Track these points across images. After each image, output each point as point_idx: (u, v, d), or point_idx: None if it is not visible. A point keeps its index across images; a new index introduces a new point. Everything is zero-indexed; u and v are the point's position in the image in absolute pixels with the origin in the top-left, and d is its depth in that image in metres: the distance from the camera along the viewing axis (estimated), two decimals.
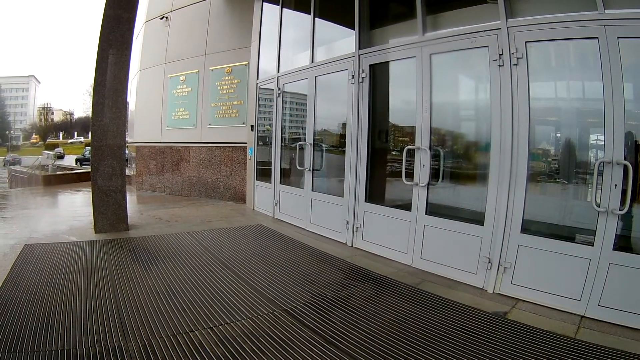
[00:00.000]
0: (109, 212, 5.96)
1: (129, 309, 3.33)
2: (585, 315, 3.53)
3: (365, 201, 5.47)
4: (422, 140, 4.72)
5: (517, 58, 3.93)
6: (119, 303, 3.45)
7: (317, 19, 6.56)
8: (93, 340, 2.80)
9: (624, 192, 3.37)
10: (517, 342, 3.03)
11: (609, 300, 3.47)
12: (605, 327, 3.33)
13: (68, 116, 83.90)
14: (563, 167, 4.16)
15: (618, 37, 3.42)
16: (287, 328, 3.09)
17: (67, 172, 18.39)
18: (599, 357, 2.86)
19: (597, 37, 3.50)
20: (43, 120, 79.67)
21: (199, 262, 4.63)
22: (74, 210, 8.01)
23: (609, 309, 3.46)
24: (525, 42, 3.91)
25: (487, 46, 4.16)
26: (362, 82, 5.47)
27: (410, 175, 4.83)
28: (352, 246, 5.59)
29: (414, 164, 4.81)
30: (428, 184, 4.72)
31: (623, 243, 3.64)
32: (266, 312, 3.35)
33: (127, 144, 11.42)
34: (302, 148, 6.49)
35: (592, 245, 3.55)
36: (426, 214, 4.74)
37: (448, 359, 2.77)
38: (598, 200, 3.49)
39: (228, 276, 4.21)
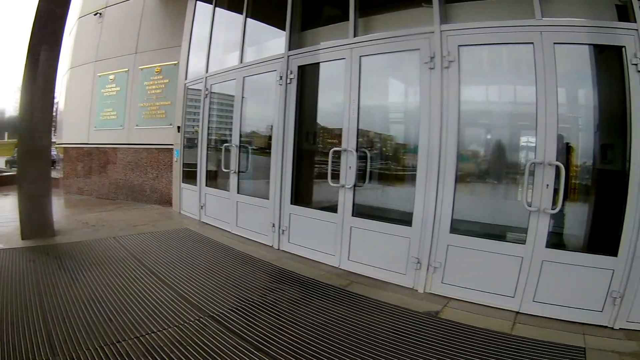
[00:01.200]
0: (35, 218, 5.43)
1: (55, 320, 3.02)
2: (520, 311, 3.54)
3: (291, 203, 5.22)
4: (349, 142, 4.57)
5: (449, 61, 3.87)
6: (46, 315, 3.11)
7: (249, 19, 6.27)
8: (22, 356, 2.52)
9: (556, 191, 3.38)
10: (452, 341, 2.97)
11: (544, 295, 3.49)
12: (541, 322, 3.36)
13: None
14: (494, 168, 4.16)
15: (554, 43, 3.44)
16: (214, 335, 2.90)
17: None
18: (534, 351, 2.88)
19: (533, 43, 3.50)
20: None
21: (126, 269, 4.28)
22: (1, 215, 7.21)
23: (544, 304, 3.49)
24: (458, 45, 3.86)
25: (419, 49, 4.07)
26: (289, 83, 5.23)
27: (336, 177, 4.65)
28: (278, 249, 5.33)
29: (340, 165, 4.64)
30: (354, 186, 4.56)
31: (556, 240, 3.67)
32: (193, 319, 3.14)
33: (55, 145, 10.62)
34: (228, 150, 6.15)
35: (524, 244, 3.56)
36: (353, 215, 4.60)
37: None
38: (529, 200, 3.50)
39: (154, 283, 3.91)
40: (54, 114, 10.69)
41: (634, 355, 2.92)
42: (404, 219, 4.20)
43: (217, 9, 7.02)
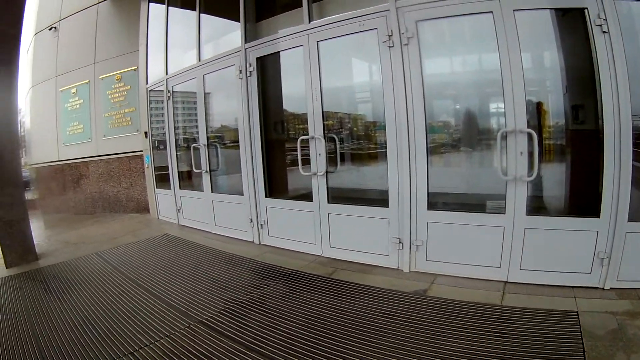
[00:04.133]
0: (15, 244, 5.20)
1: (49, 344, 2.92)
2: (508, 281, 3.46)
3: (266, 197, 5.05)
4: (316, 129, 4.41)
5: (408, 38, 3.72)
6: (39, 340, 3.00)
7: (202, 15, 5.99)
8: None
9: (530, 155, 3.28)
10: (443, 318, 2.89)
11: (530, 262, 3.41)
12: (530, 289, 3.29)
13: None
14: (467, 136, 4.07)
15: (514, 10, 3.31)
16: (205, 341, 2.80)
17: None
18: (526, 319, 2.80)
19: (492, 11, 3.37)
20: None
21: (111, 284, 4.11)
22: None
23: (531, 271, 3.41)
24: (416, 21, 3.70)
25: (376, 28, 3.91)
26: (250, 76, 5.01)
27: (308, 163, 4.49)
28: (259, 244, 5.16)
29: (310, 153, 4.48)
30: (326, 172, 4.41)
31: (537, 204, 3.59)
32: (182, 327, 3.03)
33: (27, 166, 10.20)
34: (196, 149, 5.91)
35: (504, 214, 3.46)
36: (328, 202, 4.46)
37: (372, 347, 2.57)
38: (505, 169, 3.39)
39: (140, 294, 3.77)
40: (21, 134, 10.29)
41: (628, 313, 2.83)
42: (381, 199, 4.07)
43: (170, 8, 6.70)
